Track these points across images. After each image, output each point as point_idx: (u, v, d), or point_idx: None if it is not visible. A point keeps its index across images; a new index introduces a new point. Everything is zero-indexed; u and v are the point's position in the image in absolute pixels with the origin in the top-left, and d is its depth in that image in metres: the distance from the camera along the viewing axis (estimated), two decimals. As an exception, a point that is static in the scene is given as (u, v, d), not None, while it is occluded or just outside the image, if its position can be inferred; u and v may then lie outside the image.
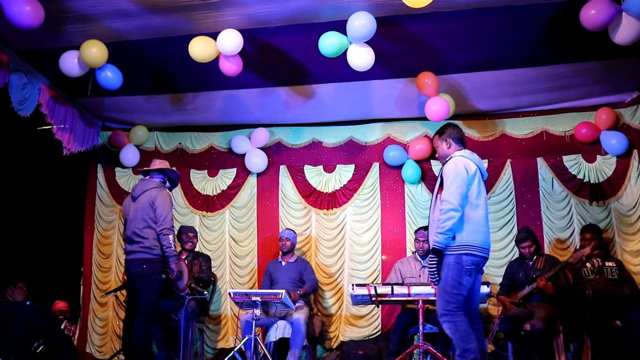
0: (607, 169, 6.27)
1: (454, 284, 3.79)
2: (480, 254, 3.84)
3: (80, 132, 6.56)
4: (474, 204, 3.88)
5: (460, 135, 4.20)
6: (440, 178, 3.99)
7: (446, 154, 4.13)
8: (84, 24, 5.01)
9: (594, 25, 4.44)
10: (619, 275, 5.49)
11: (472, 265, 3.81)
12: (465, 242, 3.80)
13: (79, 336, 6.91)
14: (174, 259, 4.95)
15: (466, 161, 3.96)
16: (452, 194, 3.81)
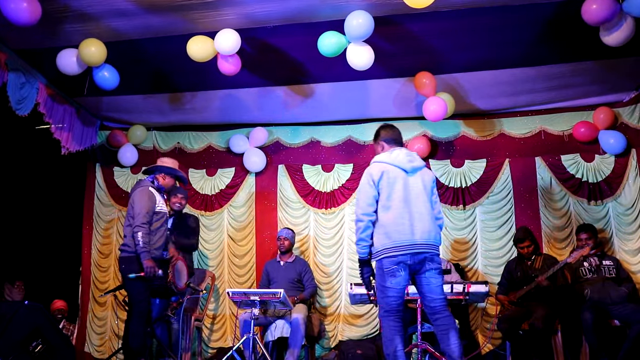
0: (606, 169, 6.28)
1: (380, 288, 3.84)
2: (400, 252, 3.74)
3: (78, 132, 6.55)
4: (385, 207, 3.82)
5: (394, 136, 4.16)
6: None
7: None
8: (82, 23, 5.01)
9: (594, 20, 4.44)
10: (617, 274, 5.50)
11: (392, 266, 3.75)
12: (380, 247, 3.80)
13: (78, 335, 6.90)
14: (144, 255, 4.78)
15: (374, 167, 3.96)
16: (357, 204, 3.92)
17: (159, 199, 5.07)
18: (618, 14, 4.38)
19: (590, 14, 4.40)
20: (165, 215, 5.12)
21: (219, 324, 6.77)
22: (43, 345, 4.66)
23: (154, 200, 4.99)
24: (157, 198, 5.04)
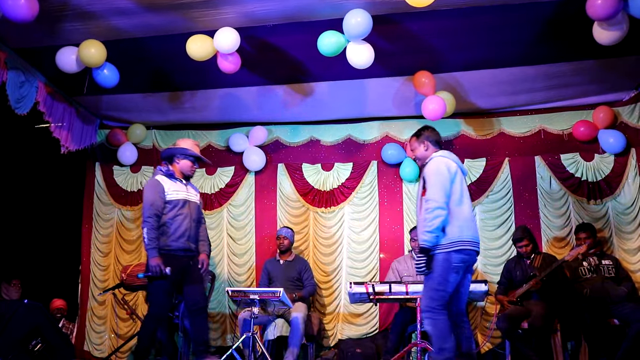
0: (605, 168, 6.28)
1: (440, 280, 3.83)
2: (472, 248, 3.89)
3: (78, 131, 6.55)
4: (459, 201, 3.92)
5: (437, 138, 4.28)
6: (422, 179, 4.03)
7: (424, 156, 4.20)
8: (81, 21, 5.00)
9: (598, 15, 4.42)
10: (616, 273, 5.50)
11: (460, 263, 3.84)
12: (456, 238, 3.83)
13: (77, 334, 6.91)
14: (150, 253, 4.47)
15: (446, 160, 4.03)
16: (436, 192, 3.86)
17: (170, 186, 4.68)
18: (621, 12, 4.37)
19: (595, 8, 4.39)
20: (182, 202, 4.68)
21: (219, 322, 6.77)
22: (43, 344, 4.67)
23: (160, 189, 4.63)
24: (166, 186, 4.66)
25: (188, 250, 4.69)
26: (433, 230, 3.80)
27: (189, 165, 4.81)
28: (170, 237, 4.58)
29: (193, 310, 4.67)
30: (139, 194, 7.17)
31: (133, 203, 7.17)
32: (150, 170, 7.21)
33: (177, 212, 4.63)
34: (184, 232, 4.64)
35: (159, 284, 4.51)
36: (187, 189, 4.80)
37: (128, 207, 7.17)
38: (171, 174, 4.76)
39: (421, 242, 3.85)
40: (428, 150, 4.20)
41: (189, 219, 4.68)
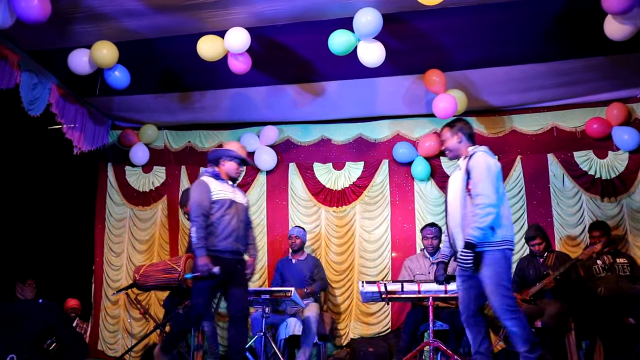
0: (619, 165, 6.21)
1: (507, 278, 3.80)
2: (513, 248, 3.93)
3: (90, 131, 6.60)
4: (503, 200, 3.91)
5: (471, 132, 4.19)
6: (466, 172, 3.91)
7: (456, 148, 4.13)
8: (92, 23, 5.04)
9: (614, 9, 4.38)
10: (631, 271, 5.45)
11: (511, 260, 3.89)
12: (508, 237, 3.84)
13: (91, 334, 6.95)
14: (198, 252, 4.37)
15: (491, 158, 3.97)
16: (488, 188, 3.79)
17: (216, 187, 4.60)
18: (636, 7, 4.32)
19: (610, 2, 4.33)
20: (229, 202, 4.57)
21: (231, 322, 6.77)
22: (57, 344, 4.70)
23: (206, 189, 4.55)
24: (212, 186, 4.58)
25: (236, 252, 4.59)
26: (484, 227, 3.74)
27: (234, 167, 4.74)
28: (218, 237, 4.48)
29: (236, 317, 4.52)
30: (150, 194, 7.22)
31: (145, 203, 7.21)
32: (162, 170, 7.25)
33: (224, 212, 4.53)
34: (231, 233, 4.52)
35: (205, 283, 4.40)
36: (234, 191, 4.71)
37: (140, 207, 7.21)
38: (217, 174, 4.70)
39: (469, 236, 3.76)
40: (462, 143, 4.11)
41: (236, 220, 4.57)
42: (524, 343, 3.71)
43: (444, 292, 4.84)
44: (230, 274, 4.49)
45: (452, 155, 4.17)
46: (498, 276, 3.77)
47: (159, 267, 5.52)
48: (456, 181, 4.02)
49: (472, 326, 3.92)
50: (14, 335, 4.46)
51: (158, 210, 7.20)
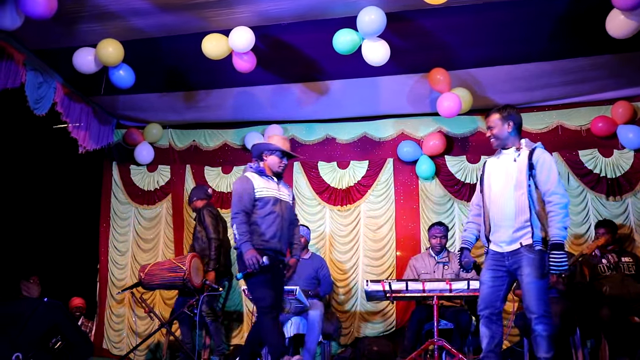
0: (625, 164, 6.19)
1: (548, 284, 3.74)
2: None
3: (95, 130, 6.62)
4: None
5: (521, 122, 4.01)
6: (529, 166, 3.77)
7: (506, 137, 3.93)
8: (97, 22, 5.06)
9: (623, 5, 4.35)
10: (637, 270, 5.43)
11: None
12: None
13: (96, 332, 6.98)
14: (243, 247, 4.15)
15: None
16: (562, 189, 3.74)
17: (259, 183, 4.37)
18: None
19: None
20: (272, 200, 4.36)
21: (236, 321, 6.79)
22: (62, 342, 4.71)
23: (249, 185, 4.33)
24: (255, 182, 4.36)
25: (280, 252, 4.39)
26: (566, 227, 3.66)
27: (276, 161, 4.47)
28: (262, 237, 4.28)
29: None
30: (155, 193, 7.24)
31: (150, 202, 7.23)
32: (166, 169, 7.26)
33: (268, 210, 4.32)
34: (275, 233, 4.32)
35: (258, 279, 4.20)
36: (279, 188, 4.49)
37: (145, 205, 7.24)
38: (262, 170, 4.46)
39: (557, 237, 3.60)
40: (512, 133, 3.91)
41: (280, 219, 4.36)
42: (549, 350, 3.63)
43: (448, 290, 4.83)
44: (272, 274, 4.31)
45: (498, 144, 3.97)
46: (542, 279, 3.67)
47: (164, 266, 5.54)
48: (508, 171, 3.85)
49: (494, 323, 3.83)
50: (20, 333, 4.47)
51: (163, 209, 7.22)
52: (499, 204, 3.86)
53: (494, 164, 4.01)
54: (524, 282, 3.69)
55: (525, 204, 3.74)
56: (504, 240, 3.81)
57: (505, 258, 3.82)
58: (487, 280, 3.88)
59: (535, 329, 3.65)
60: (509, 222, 3.78)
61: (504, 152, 3.97)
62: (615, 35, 4.59)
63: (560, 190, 3.72)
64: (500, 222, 3.84)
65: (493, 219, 3.89)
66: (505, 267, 3.83)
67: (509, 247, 3.80)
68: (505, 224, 3.80)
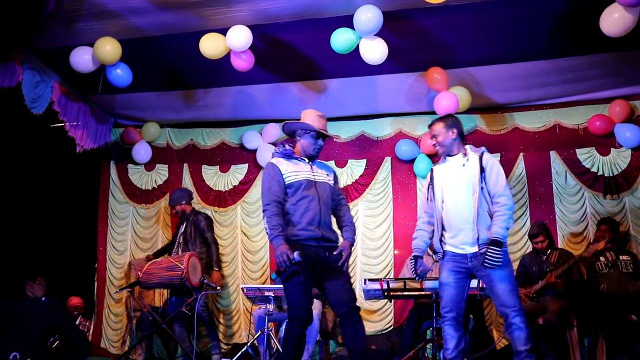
0: (622, 162, 6.20)
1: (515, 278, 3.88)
2: None
3: (92, 129, 6.61)
4: None
5: (463, 129, 4.13)
6: (480, 171, 3.86)
7: (450, 144, 4.01)
8: (95, 21, 5.05)
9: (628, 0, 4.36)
10: (634, 268, 5.45)
11: None
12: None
13: (94, 331, 6.97)
14: (275, 242, 3.70)
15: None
16: (509, 191, 3.87)
17: (287, 167, 3.90)
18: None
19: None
20: (305, 183, 3.86)
21: (233, 320, 6.79)
22: (60, 342, 4.70)
23: (276, 172, 3.89)
24: (282, 167, 3.90)
25: (322, 239, 3.83)
26: (509, 227, 3.81)
27: (309, 142, 3.96)
28: (297, 226, 3.80)
29: (341, 313, 3.75)
30: (153, 192, 7.24)
31: (148, 201, 7.22)
32: (164, 168, 7.26)
33: (301, 195, 3.84)
34: (312, 219, 3.80)
35: (294, 281, 3.71)
36: (313, 169, 3.96)
37: (143, 204, 7.23)
38: (288, 153, 3.99)
39: (497, 235, 3.72)
40: (456, 140, 4.00)
41: (316, 202, 3.84)
42: (528, 341, 3.69)
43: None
44: (321, 266, 3.79)
45: (443, 151, 4.04)
46: (512, 276, 3.81)
47: (162, 265, 5.53)
48: (460, 177, 3.94)
49: (458, 324, 3.86)
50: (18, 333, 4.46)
51: (161, 208, 7.22)
52: (457, 208, 3.91)
53: (441, 171, 4.07)
54: (495, 279, 3.76)
55: (484, 207, 3.84)
56: (466, 242, 3.86)
57: (468, 260, 3.86)
58: (451, 282, 3.90)
59: (513, 322, 3.70)
60: (469, 225, 3.84)
61: (449, 159, 4.04)
62: (610, 33, 4.58)
63: (508, 193, 3.85)
64: (460, 225, 3.89)
65: (451, 223, 3.94)
66: (466, 269, 3.88)
67: (471, 249, 3.85)
68: (466, 227, 3.86)
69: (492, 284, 3.77)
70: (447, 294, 3.90)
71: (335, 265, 3.77)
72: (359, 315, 3.76)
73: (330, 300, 3.82)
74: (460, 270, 3.90)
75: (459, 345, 3.84)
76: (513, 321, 3.70)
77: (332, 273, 3.78)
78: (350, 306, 3.72)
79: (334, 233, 3.95)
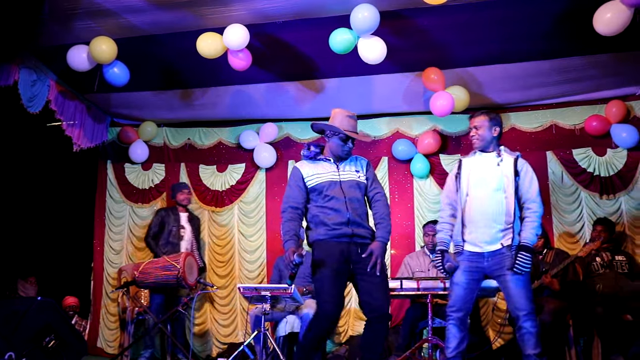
0: (618, 162, 6.23)
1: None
2: None
3: (89, 128, 6.60)
4: None
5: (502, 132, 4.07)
6: (515, 173, 3.85)
7: (490, 141, 3.95)
8: (92, 19, 5.04)
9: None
10: (630, 269, 5.47)
11: None
12: None
13: (90, 331, 6.95)
14: (285, 245, 3.70)
15: None
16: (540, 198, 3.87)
17: (309, 171, 3.88)
18: None
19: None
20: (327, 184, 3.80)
21: (230, 319, 6.79)
22: (56, 341, 4.70)
23: (298, 177, 3.87)
24: (304, 171, 3.89)
25: (356, 235, 3.74)
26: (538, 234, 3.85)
27: (338, 145, 3.92)
28: (326, 227, 3.73)
29: (369, 318, 3.72)
30: (150, 191, 7.23)
31: (145, 200, 7.21)
32: (161, 167, 7.25)
33: (325, 197, 3.79)
34: (340, 219, 3.73)
35: (320, 277, 3.70)
36: (339, 168, 3.89)
37: (140, 204, 7.22)
38: (311, 155, 3.96)
39: (527, 241, 3.75)
40: (496, 137, 3.95)
41: (342, 202, 3.75)
42: (537, 346, 3.69)
43: (442, 289, 4.85)
44: (354, 263, 3.72)
45: (479, 145, 3.96)
46: (528, 279, 3.79)
47: (158, 264, 5.53)
48: (492, 174, 3.88)
49: (463, 325, 3.87)
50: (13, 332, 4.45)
51: (157, 208, 7.19)
52: (482, 204, 3.87)
53: (472, 164, 4.01)
54: (510, 281, 3.73)
55: (510, 208, 3.79)
56: (484, 240, 3.83)
57: (484, 259, 3.83)
58: (462, 282, 3.88)
59: (524, 325, 3.69)
60: (491, 223, 3.81)
61: (483, 155, 3.99)
62: (603, 32, 4.58)
63: (540, 201, 3.84)
64: (481, 222, 3.85)
65: (472, 218, 3.89)
66: (481, 269, 3.86)
67: (489, 247, 3.82)
68: (487, 224, 3.82)
69: (509, 286, 3.74)
70: (456, 293, 3.89)
71: (367, 265, 3.67)
72: (387, 324, 3.70)
73: (360, 301, 3.78)
74: (474, 271, 3.87)
75: (461, 345, 3.84)
76: (524, 325, 3.68)
77: (364, 273, 3.69)
78: (379, 312, 3.64)
79: (367, 230, 3.82)
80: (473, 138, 4.00)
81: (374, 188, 3.94)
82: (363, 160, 4.03)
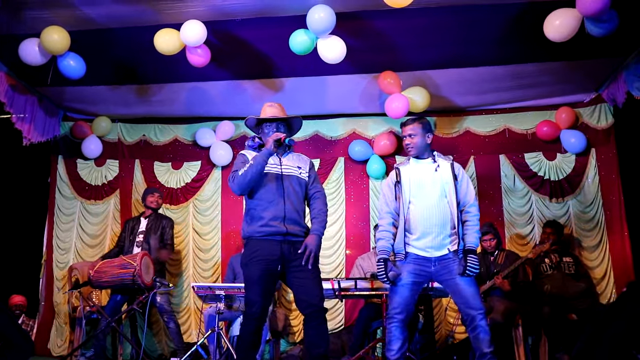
0: (567, 167, 6.43)
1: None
2: None
3: (40, 122, 6.39)
4: None
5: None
6: (454, 178, 3.86)
7: (424, 148, 3.94)
8: (45, 9, 4.90)
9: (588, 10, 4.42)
10: (576, 270, 5.65)
11: None
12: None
13: (38, 331, 6.75)
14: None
15: None
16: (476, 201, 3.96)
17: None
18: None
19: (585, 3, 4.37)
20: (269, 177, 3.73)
21: (184, 318, 6.71)
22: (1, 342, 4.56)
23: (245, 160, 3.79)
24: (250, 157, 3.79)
25: (287, 234, 3.67)
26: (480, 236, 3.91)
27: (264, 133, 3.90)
28: (260, 222, 3.66)
29: (306, 314, 3.63)
30: (103, 187, 7.08)
31: (97, 197, 7.06)
32: (115, 163, 7.11)
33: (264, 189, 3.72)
34: (276, 214, 3.66)
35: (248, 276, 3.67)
36: (282, 162, 3.82)
37: (92, 201, 7.06)
38: (255, 146, 3.90)
39: (472, 244, 3.79)
40: (429, 144, 3.97)
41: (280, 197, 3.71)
42: (492, 344, 3.74)
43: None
44: (286, 262, 3.67)
45: (414, 152, 3.94)
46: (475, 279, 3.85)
47: (114, 262, 5.42)
48: (432, 180, 3.88)
49: (405, 327, 3.84)
50: (-44, 332, 4.31)
51: (110, 205, 7.06)
52: (427, 212, 3.86)
53: (410, 172, 3.96)
54: (461, 283, 3.75)
55: (454, 213, 3.82)
56: (432, 246, 3.83)
57: (432, 263, 3.83)
58: (407, 284, 3.84)
59: (480, 324, 3.72)
60: (438, 229, 3.82)
61: (419, 162, 3.97)
62: (554, 38, 4.69)
63: (477, 204, 3.94)
64: (428, 229, 3.83)
65: (418, 226, 3.86)
66: (428, 273, 3.86)
67: (437, 253, 3.82)
68: (434, 230, 3.82)
69: (461, 289, 3.75)
70: (400, 296, 3.83)
71: (300, 261, 3.63)
72: (325, 317, 3.63)
73: (296, 299, 3.70)
74: (420, 274, 3.85)
75: (403, 347, 3.80)
76: (480, 324, 3.70)
77: (298, 270, 3.65)
78: (316, 307, 3.59)
79: (302, 228, 3.77)
80: (408, 147, 3.97)
81: (315, 187, 3.90)
82: (307, 159, 3.99)
